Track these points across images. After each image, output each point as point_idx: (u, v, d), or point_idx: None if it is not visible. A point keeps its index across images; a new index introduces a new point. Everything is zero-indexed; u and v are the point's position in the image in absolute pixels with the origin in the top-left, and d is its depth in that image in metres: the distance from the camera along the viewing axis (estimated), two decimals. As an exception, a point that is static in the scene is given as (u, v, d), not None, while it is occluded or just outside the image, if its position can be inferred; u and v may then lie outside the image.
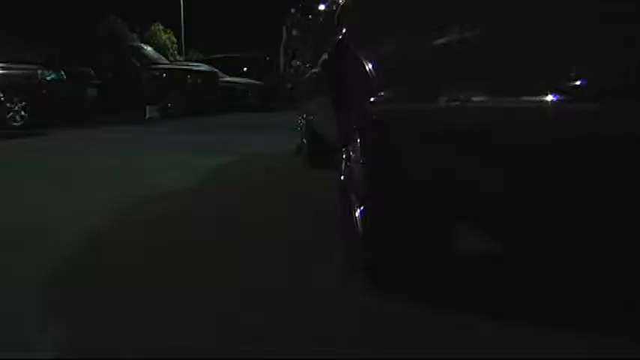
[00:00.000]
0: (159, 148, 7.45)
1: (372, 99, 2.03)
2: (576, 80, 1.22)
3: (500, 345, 1.69)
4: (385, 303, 2.01)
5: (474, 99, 1.52)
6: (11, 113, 11.37)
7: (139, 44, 18.19)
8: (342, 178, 2.62)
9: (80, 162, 6.39)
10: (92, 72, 13.45)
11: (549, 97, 1.27)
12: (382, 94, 2.00)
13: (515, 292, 2.09)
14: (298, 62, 4.93)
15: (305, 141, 5.44)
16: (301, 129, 5.63)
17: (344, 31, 2.64)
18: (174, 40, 30.80)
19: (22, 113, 11.46)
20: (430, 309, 1.94)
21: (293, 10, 5.14)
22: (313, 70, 3.63)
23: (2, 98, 10.20)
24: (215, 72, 16.46)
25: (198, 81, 14.80)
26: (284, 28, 5.66)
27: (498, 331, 1.77)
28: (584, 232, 1.54)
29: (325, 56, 3.14)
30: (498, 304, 1.99)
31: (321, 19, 3.62)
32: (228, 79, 16.72)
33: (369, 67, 2.11)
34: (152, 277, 2.40)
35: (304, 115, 5.36)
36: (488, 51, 1.43)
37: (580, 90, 1.22)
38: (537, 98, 1.30)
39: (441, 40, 1.66)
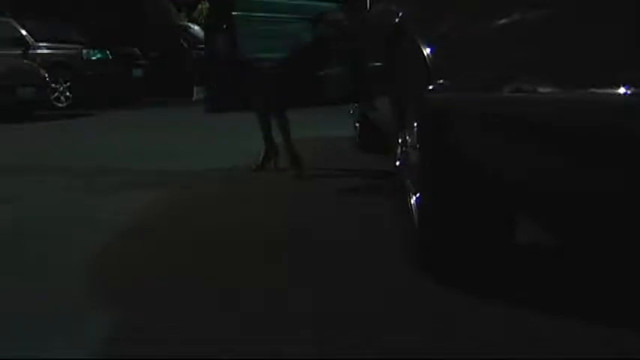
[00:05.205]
0: (208, 130, 7.43)
1: (431, 87, 2.01)
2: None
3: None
4: (439, 292, 2.01)
5: (541, 90, 1.48)
6: (56, 94, 11.15)
7: (186, 24, 18.12)
8: (397, 163, 2.61)
9: (133, 144, 6.48)
10: (138, 52, 13.35)
11: (621, 90, 1.23)
12: (442, 82, 1.96)
13: (571, 286, 2.07)
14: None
15: (357, 125, 5.41)
16: (353, 113, 5.58)
17: (400, 14, 2.61)
18: (222, 19, 30.70)
19: (67, 94, 11.32)
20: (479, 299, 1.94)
21: None
22: (367, 54, 3.60)
23: (47, 79, 10.05)
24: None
25: (246, 61, 14.66)
26: None
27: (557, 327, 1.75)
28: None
29: (380, 40, 3.11)
30: (559, 298, 1.97)
31: (376, 1, 3.58)
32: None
33: (427, 52, 2.07)
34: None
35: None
36: (558, 38, 1.38)
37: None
38: (608, 91, 1.26)
39: (506, 25, 1.61)
